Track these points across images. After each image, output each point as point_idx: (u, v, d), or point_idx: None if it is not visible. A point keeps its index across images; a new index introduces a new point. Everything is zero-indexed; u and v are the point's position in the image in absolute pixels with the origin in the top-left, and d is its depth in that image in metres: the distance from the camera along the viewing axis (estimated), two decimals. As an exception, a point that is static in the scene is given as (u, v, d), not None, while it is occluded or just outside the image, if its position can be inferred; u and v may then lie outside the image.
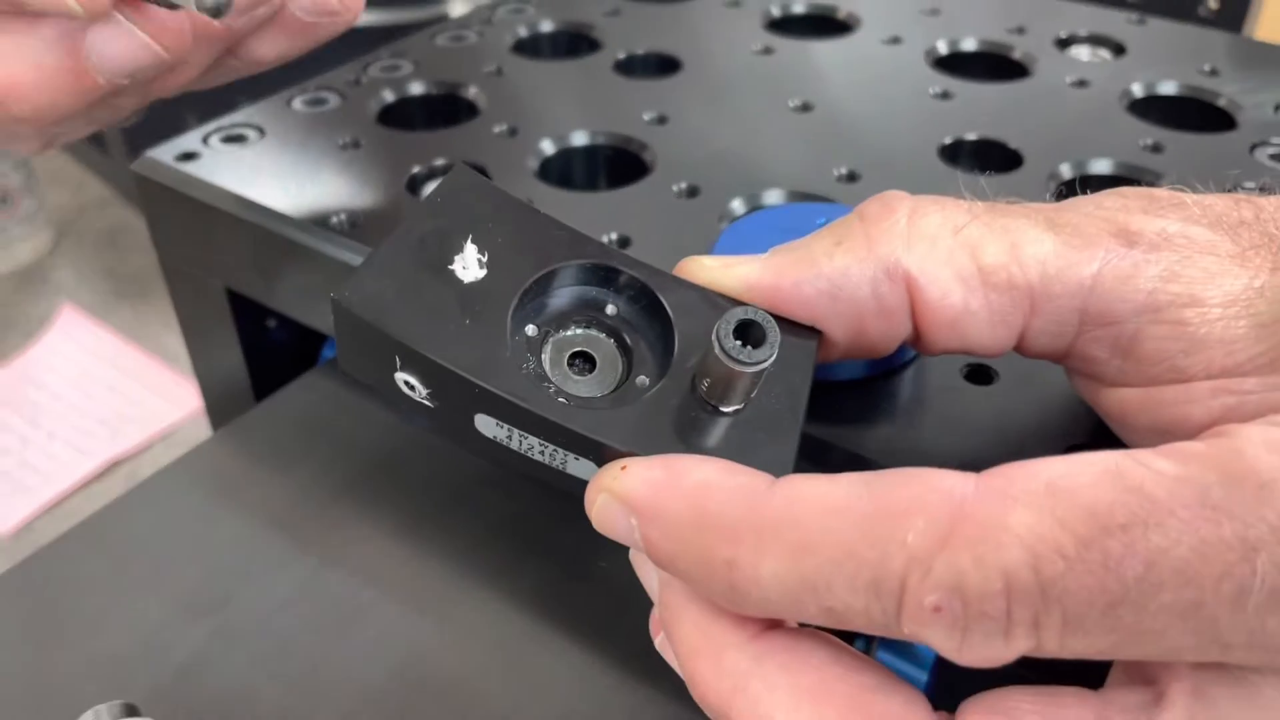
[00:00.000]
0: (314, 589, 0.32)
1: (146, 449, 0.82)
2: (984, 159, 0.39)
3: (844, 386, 0.27)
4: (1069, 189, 0.37)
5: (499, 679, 0.29)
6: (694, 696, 0.19)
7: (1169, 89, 0.44)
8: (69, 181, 1.11)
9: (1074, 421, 0.26)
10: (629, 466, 0.19)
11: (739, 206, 0.35)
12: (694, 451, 0.20)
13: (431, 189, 0.23)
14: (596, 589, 0.31)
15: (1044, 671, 0.18)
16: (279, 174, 0.36)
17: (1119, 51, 0.48)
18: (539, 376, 0.21)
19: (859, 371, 0.27)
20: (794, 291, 0.21)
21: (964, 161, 0.39)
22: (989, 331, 0.21)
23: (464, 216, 0.22)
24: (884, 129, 0.40)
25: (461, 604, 0.31)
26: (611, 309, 0.23)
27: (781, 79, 0.44)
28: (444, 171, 0.37)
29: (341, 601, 0.31)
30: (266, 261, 0.35)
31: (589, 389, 0.22)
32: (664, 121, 0.40)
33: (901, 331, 0.22)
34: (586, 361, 0.22)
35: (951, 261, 0.21)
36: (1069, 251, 0.20)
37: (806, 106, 0.41)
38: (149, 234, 0.39)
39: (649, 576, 0.20)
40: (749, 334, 0.19)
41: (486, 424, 0.21)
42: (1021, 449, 0.25)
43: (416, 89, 0.43)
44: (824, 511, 0.17)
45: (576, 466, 0.21)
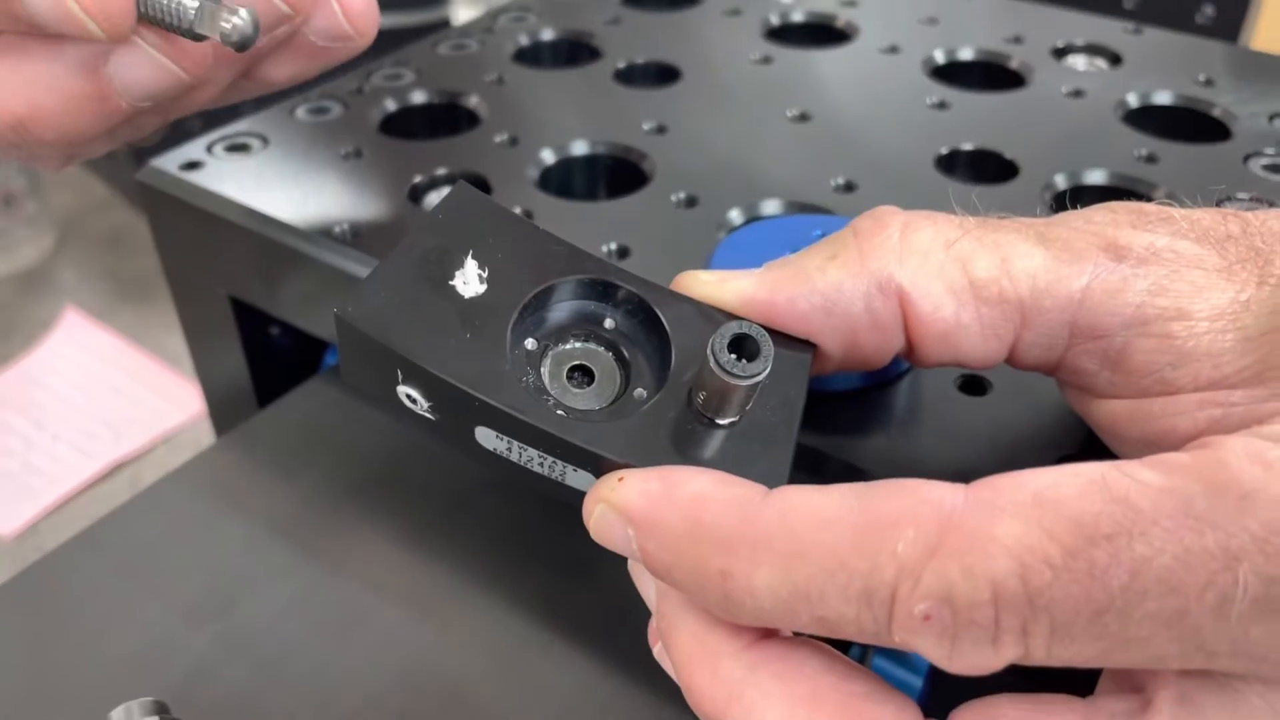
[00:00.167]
0: (317, 595, 0.32)
1: (149, 451, 0.83)
2: (980, 169, 0.40)
3: (839, 397, 0.27)
4: (1064, 200, 0.37)
5: (501, 684, 0.29)
6: (690, 705, 0.19)
7: (1164, 99, 0.44)
8: (72, 183, 1.11)
9: (1066, 432, 0.26)
10: (626, 478, 0.19)
11: (737, 217, 0.35)
12: (690, 463, 0.20)
13: (434, 204, 0.24)
14: (597, 595, 0.31)
15: (1035, 680, 0.18)
16: (282, 183, 0.37)
17: (1115, 61, 0.48)
18: (538, 390, 0.22)
19: (854, 382, 0.27)
20: (788, 306, 0.22)
21: (960, 171, 0.40)
22: (981, 344, 0.22)
23: (465, 232, 0.23)
24: (881, 139, 0.40)
25: (463, 610, 0.31)
26: (610, 323, 0.23)
27: (780, 88, 0.44)
28: (446, 181, 0.38)
29: (345, 607, 0.31)
30: (269, 270, 0.36)
31: (587, 402, 0.22)
32: (663, 131, 0.40)
33: (895, 344, 0.22)
34: (585, 375, 0.22)
35: (943, 276, 0.21)
36: (1059, 265, 0.21)
37: (804, 116, 0.42)
38: (153, 242, 0.40)
39: (646, 587, 0.20)
40: (743, 347, 0.20)
41: (487, 436, 0.21)
42: (1014, 459, 0.26)
43: (418, 98, 0.44)
44: (816, 522, 0.17)
45: (575, 478, 0.21)
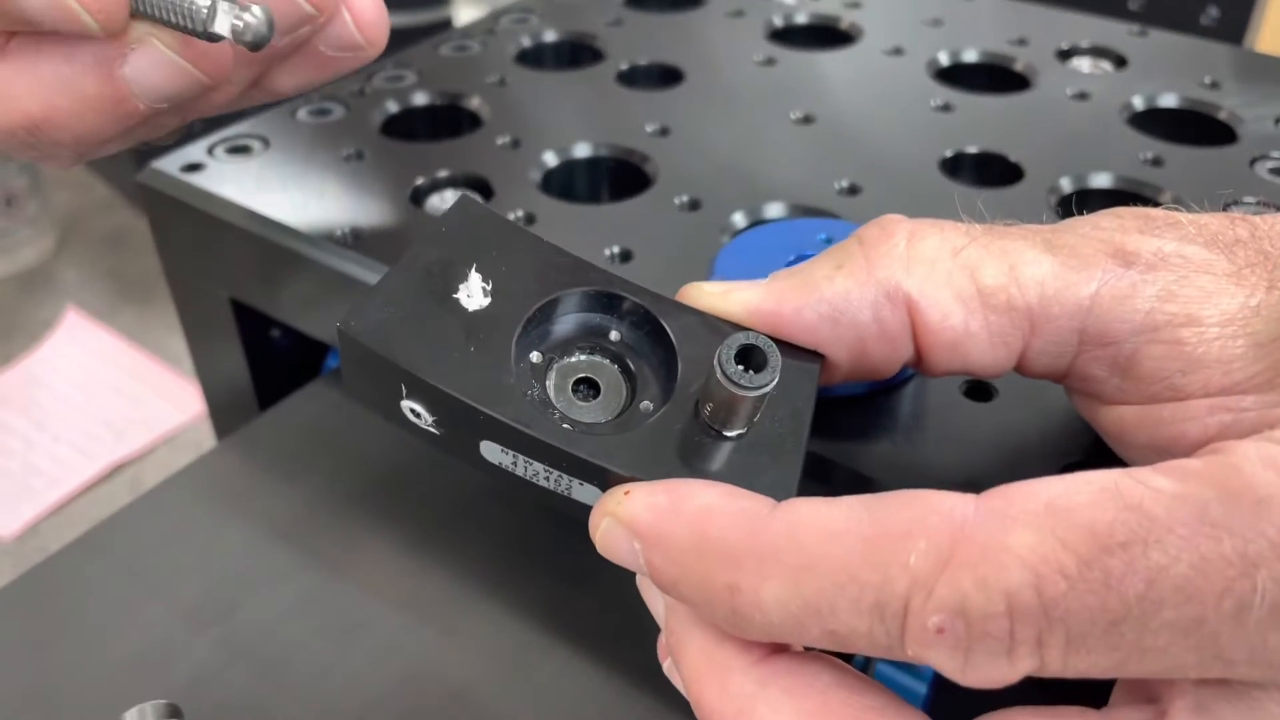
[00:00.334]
0: (319, 599, 0.32)
1: (150, 451, 0.83)
2: (985, 172, 0.39)
3: (845, 403, 0.27)
4: (1069, 203, 0.37)
5: (503, 690, 0.29)
6: None
7: (1170, 102, 0.44)
8: (73, 184, 1.11)
9: (1073, 437, 0.26)
10: (632, 492, 0.19)
11: (740, 220, 0.35)
12: (698, 476, 0.20)
13: (437, 215, 0.23)
14: (600, 601, 0.31)
15: (1048, 691, 0.18)
16: (283, 185, 0.37)
17: (1120, 64, 0.48)
18: (543, 403, 0.21)
19: (859, 388, 0.27)
20: (795, 316, 0.22)
21: (965, 174, 0.39)
22: (989, 353, 0.21)
23: (468, 245, 0.23)
24: (885, 141, 0.40)
25: (466, 615, 0.31)
26: (615, 335, 0.23)
27: (783, 90, 0.44)
28: (448, 184, 0.38)
29: (347, 612, 0.31)
30: (270, 272, 0.36)
31: (593, 415, 0.22)
32: (666, 133, 0.40)
33: (903, 354, 0.22)
34: (591, 387, 0.22)
35: (951, 284, 0.21)
36: (1067, 272, 0.21)
37: (808, 118, 0.41)
38: (154, 244, 0.40)
39: (655, 602, 0.20)
40: (750, 358, 0.20)
41: (492, 450, 0.21)
42: (1021, 465, 0.26)
43: (420, 100, 0.43)
44: (825, 535, 0.17)
45: (581, 492, 0.21)
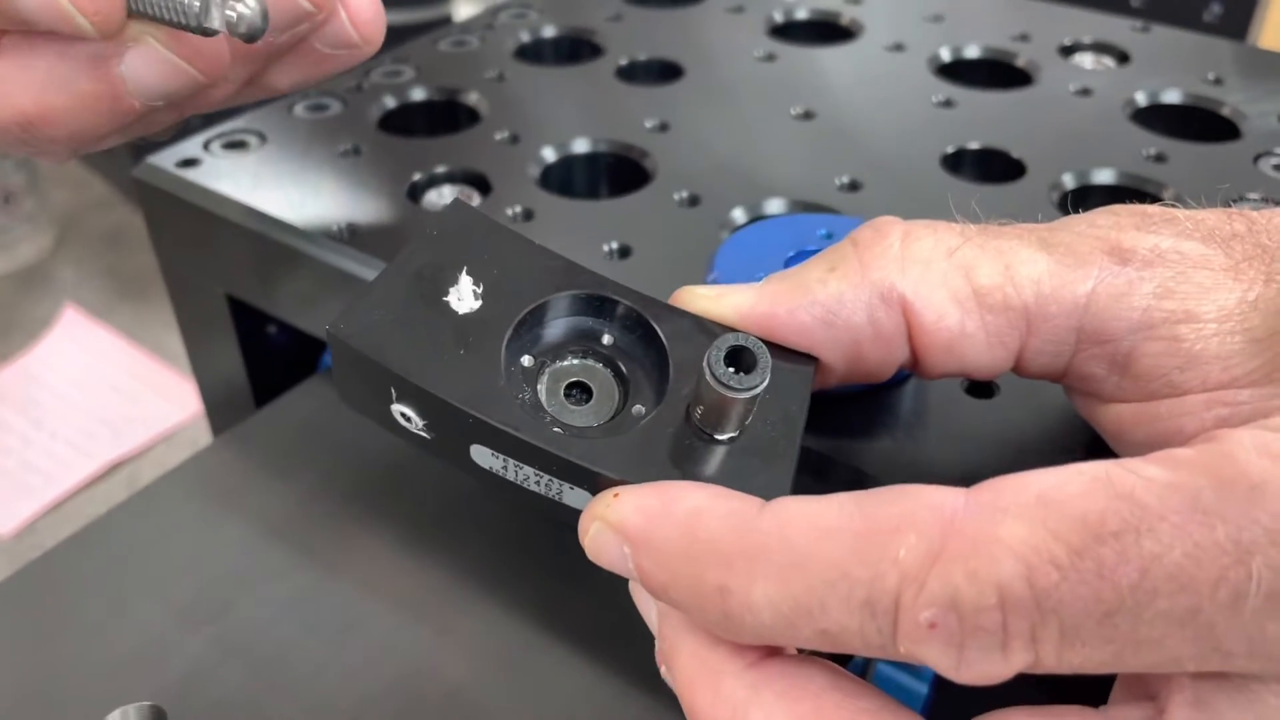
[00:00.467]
0: (314, 597, 0.32)
1: (148, 450, 0.82)
2: (986, 168, 0.39)
3: (844, 400, 0.26)
4: (1071, 200, 0.37)
5: (498, 689, 0.29)
6: None
7: (1173, 98, 0.44)
8: (72, 181, 1.11)
9: (1074, 434, 0.26)
10: (621, 494, 0.19)
11: (740, 216, 0.35)
12: (689, 479, 0.20)
13: (430, 219, 0.23)
14: (596, 600, 0.31)
15: (1047, 691, 0.18)
16: (280, 181, 0.36)
17: (1123, 59, 0.47)
18: (534, 407, 0.21)
19: (857, 386, 0.27)
20: (789, 318, 0.21)
21: (966, 171, 0.39)
22: (987, 353, 0.21)
23: (460, 249, 0.23)
24: (886, 137, 0.40)
25: (462, 614, 0.31)
26: (607, 339, 0.23)
27: (784, 86, 0.44)
28: (445, 179, 0.37)
29: (341, 610, 0.31)
30: (266, 268, 0.35)
31: (586, 419, 0.22)
32: (665, 129, 0.40)
33: (899, 356, 0.22)
34: (583, 392, 0.22)
35: (946, 284, 0.21)
36: (1063, 271, 0.20)
37: (809, 114, 0.41)
38: (150, 239, 0.39)
39: (647, 608, 0.20)
40: (740, 360, 0.19)
41: (482, 455, 0.21)
42: (1021, 462, 0.25)
43: (418, 95, 0.43)
44: (814, 532, 0.16)
45: (572, 496, 0.20)
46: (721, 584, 0.17)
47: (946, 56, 0.47)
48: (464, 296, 0.22)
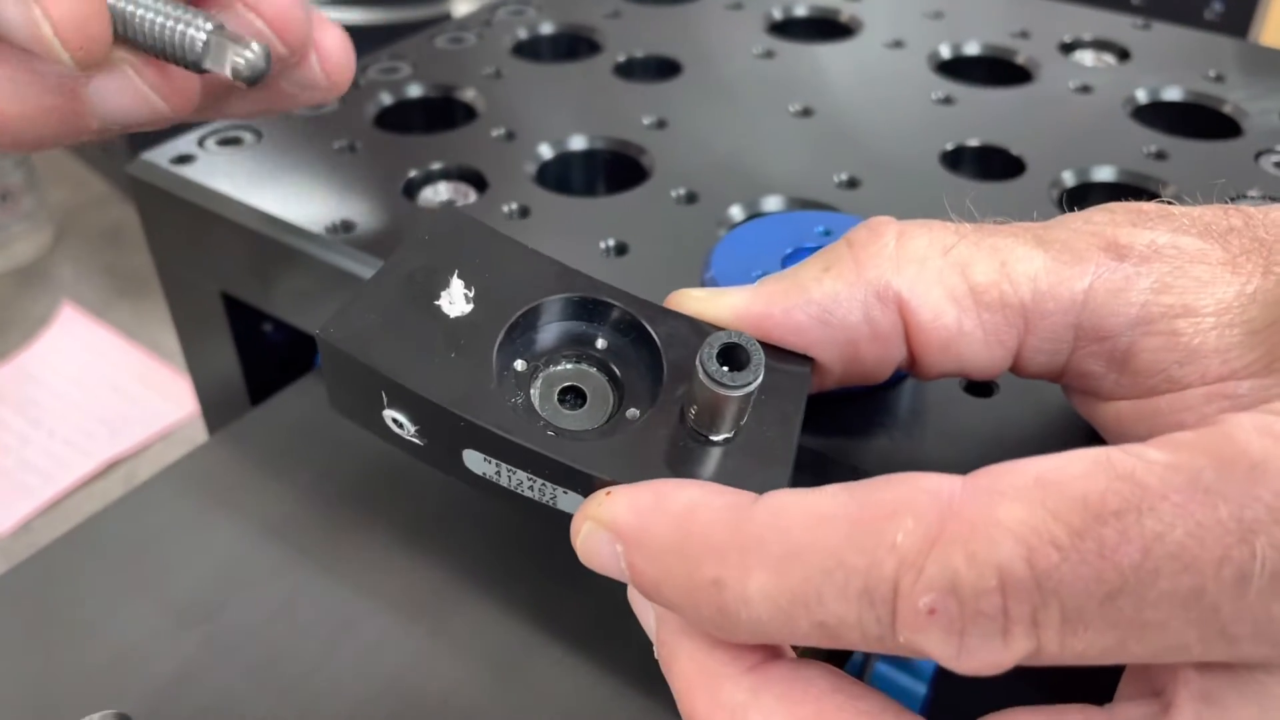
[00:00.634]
0: (307, 597, 0.31)
1: (146, 448, 0.82)
2: (986, 165, 0.39)
3: (843, 399, 0.26)
4: (1071, 197, 0.36)
5: (493, 690, 0.29)
6: None
7: (1174, 95, 0.43)
8: (70, 179, 1.10)
9: (1074, 433, 0.25)
10: (614, 493, 0.18)
11: (738, 213, 0.34)
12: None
13: (421, 225, 0.23)
14: (593, 600, 0.31)
15: (1050, 691, 0.17)
16: (275, 177, 0.36)
17: (1123, 56, 0.47)
18: (528, 411, 0.21)
19: (856, 387, 0.26)
20: (784, 318, 0.21)
21: (966, 168, 0.39)
22: (984, 352, 0.21)
23: (451, 252, 0.22)
24: (885, 134, 0.40)
25: (457, 614, 0.31)
26: (601, 342, 0.23)
27: (782, 83, 0.43)
28: (441, 176, 0.37)
29: (336, 610, 0.31)
30: (262, 266, 0.35)
31: (579, 423, 0.21)
32: (663, 126, 0.40)
33: (896, 355, 0.22)
34: (577, 396, 0.22)
35: (942, 281, 0.21)
36: (1060, 267, 0.20)
37: (807, 111, 0.41)
38: (145, 237, 0.39)
39: (645, 614, 0.20)
40: (733, 357, 0.19)
41: (475, 460, 0.21)
42: (1022, 462, 0.25)
43: (414, 92, 0.43)
44: (809, 520, 0.16)
45: (566, 501, 0.20)
46: (715, 578, 0.17)
47: (946, 53, 0.47)
48: (455, 300, 0.22)
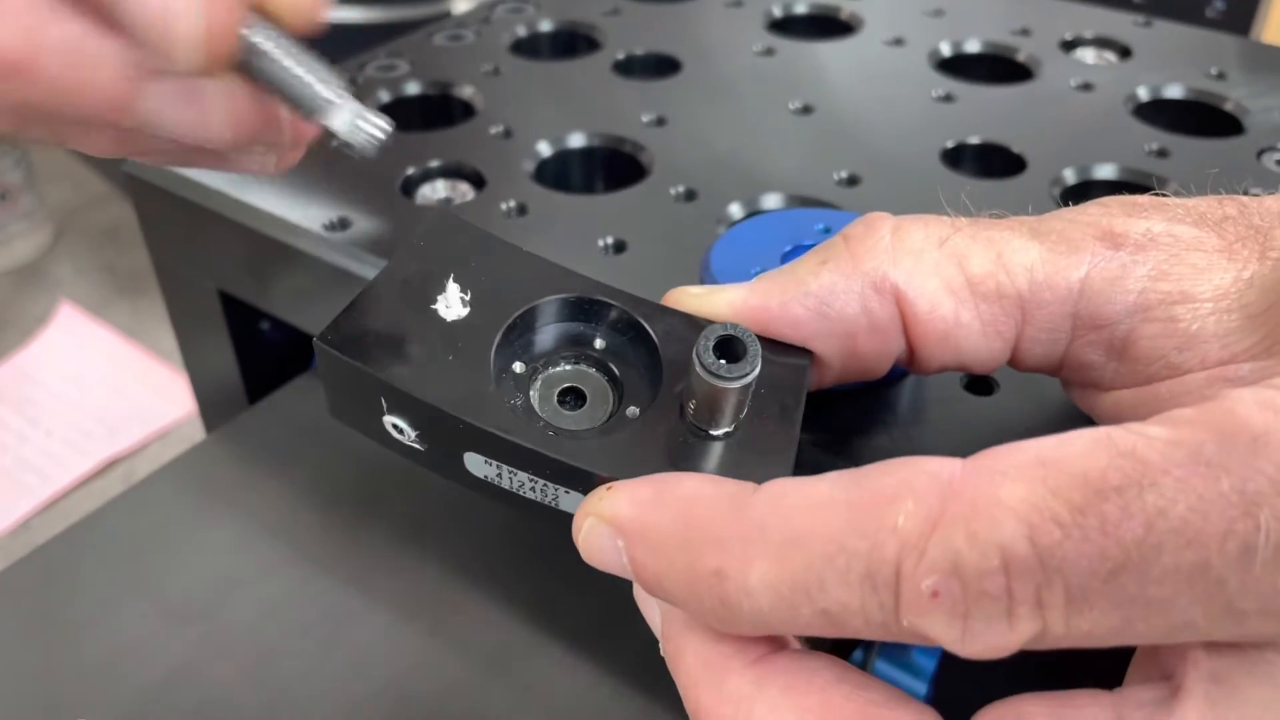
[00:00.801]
0: (304, 596, 0.31)
1: (144, 447, 0.82)
2: (987, 163, 0.39)
3: (843, 397, 0.26)
4: (1073, 195, 0.36)
5: (491, 690, 0.29)
6: None
7: (1175, 93, 0.43)
8: (69, 177, 1.10)
9: (1075, 429, 0.25)
10: (614, 487, 0.18)
11: (737, 211, 0.34)
12: None
13: (416, 229, 0.23)
14: (592, 598, 0.31)
15: (1057, 679, 0.17)
16: (272, 175, 0.36)
17: (1125, 54, 0.47)
18: (527, 412, 0.21)
19: (856, 384, 0.26)
20: (782, 311, 0.21)
21: (966, 166, 0.39)
22: (983, 344, 0.21)
23: (446, 257, 0.22)
24: (886, 132, 0.40)
25: (454, 613, 0.31)
26: (600, 342, 0.23)
27: (782, 80, 0.43)
28: (439, 174, 0.37)
29: (332, 609, 0.31)
30: (259, 264, 0.35)
31: (580, 424, 0.21)
32: (662, 123, 0.40)
33: (894, 348, 0.22)
34: (577, 397, 0.22)
35: (939, 273, 0.21)
36: (1055, 257, 0.21)
37: (807, 109, 0.41)
38: (141, 235, 0.39)
39: (651, 611, 0.20)
40: (729, 349, 0.19)
41: (475, 462, 0.21)
42: (1022, 461, 0.25)
43: (412, 89, 0.43)
44: (809, 506, 0.16)
45: (567, 501, 0.20)
46: (717, 568, 0.16)
47: (947, 51, 0.47)
48: (452, 304, 0.22)
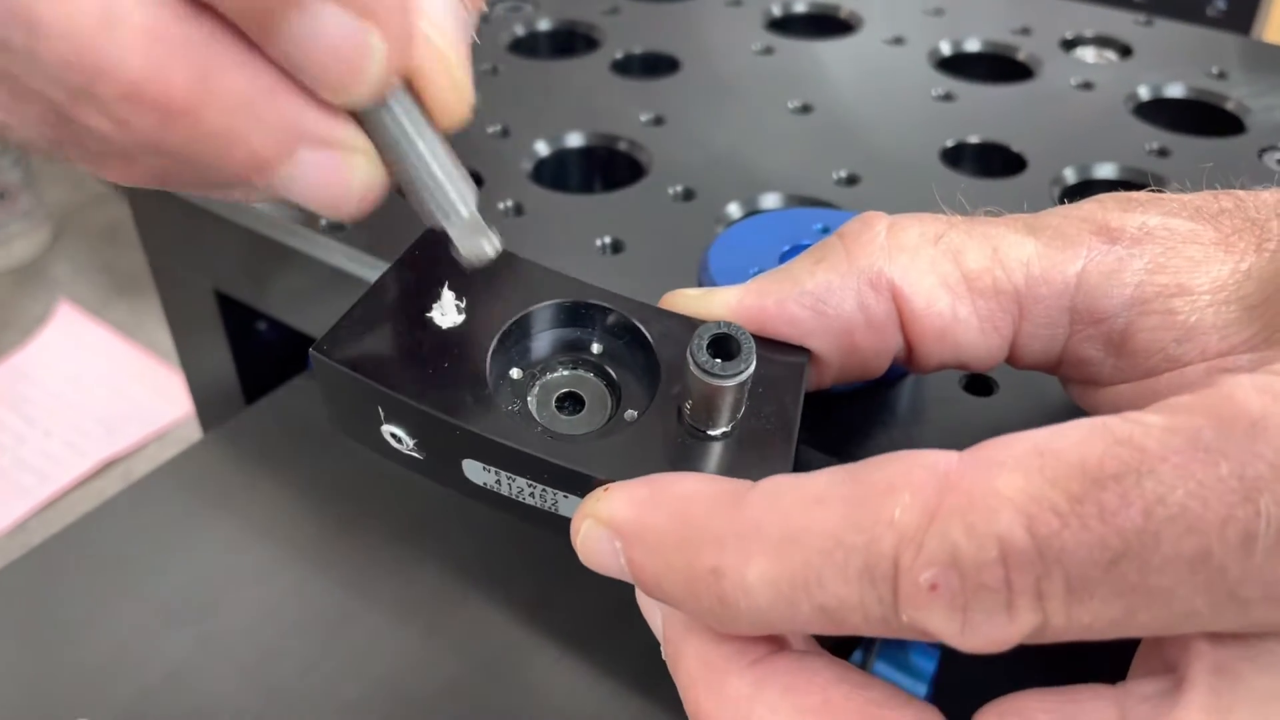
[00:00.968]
0: (301, 596, 0.31)
1: (142, 448, 0.82)
2: (987, 162, 0.39)
3: (841, 398, 0.26)
4: (1072, 194, 0.36)
5: (488, 691, 0.29)
6: None
7: (1176, 92, 0.43)
8: (68, 177, 1.10)
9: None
10: (611, 489, 0.18)
11: (735, 210, 0.34)
12: None
13: (411, 239, 0.23)
14: (590, 598, 0.31)
15: (1059, 680, 0.17)
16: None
17: (1125, 53, 0.47)
18: (525, 417, 0.21)
19: (856, 383, 0.26)
20: (779, 310, 0.21)
21: (966, 165, 0.39)
22: (981, 340, 0.21)
23: (440, 266, 0.22)
24: (885, 131, 0.39)
25: (451, 613, 0.30)
26: (596, 347, 0.23)
27: (781, 80, 0.43)
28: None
29: (328, 610, 0.31)
30: (255, 263, 0.35)
31: (578, 428, 0.21)
32: (661, 122, 0.39)
33: (892, 345, 0.21)
34: (575, 402, 0.22)
35: (935, 269, 0.21)
36: (1052, 252, 0.21)
37: (806, 108, 0.41)
38: (138, 234, 0.39)
39: (652, 613, 0.20)
40: (724, 348, 0.19)
41: (474, 469, 0.21)
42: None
43: (411, 88, 0.43)
44: (806, 502, 0.16)
45: (566, 505, 0.20)
46: (714, 567, 0.16)
47: (947, 50, 0.47)
48: (447, 311, 0.22)
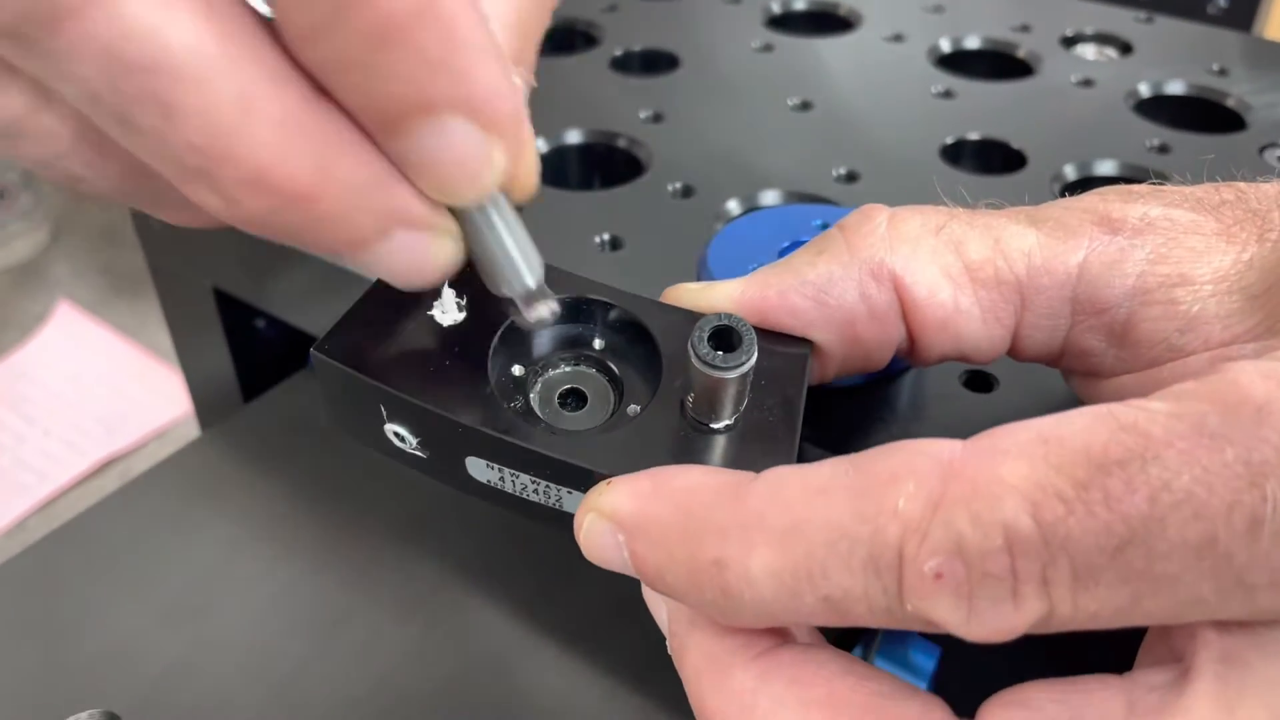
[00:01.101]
0: (300, 594, 0.31)
1: (142, 447, 0.82)
2: (987, 159, 0.39)
3: (843, 394, 0.26)
4: (1073, 191, 0.36)
5: (487, 689, 0.28)
6: None
7: (1177, 89, 0.43)
8: (68, 177, 1.10)
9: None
10: (614, 482, 0.18)
11: (735, 207, 0.34)
12: None
13: None
14: (589, 596, 0.31)
15: (1064, 667, 0.17)
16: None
17: (1126, 50, 0.47)
18: (527, 414, 0.21)
19: (857, 378, 0.26)
20: (780, 301, 0.21)
21: (966, 162, 0.39)
22: (983, 331, 0.21)
23: None
24: (885, 128, 0.39)
25: (450, 611, 0.30)
26: (598, 342, 0.23)
27: (781, 77, 0.43)
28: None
29: (326, 608, 0.31)
30: (253, 261, 0.35)
31: (581, 424, 0.21)
32: (660, 119, 0.39)
33: (894, 336, 0.21)
34: (577, 398, 0.22)
35: (936, 259, 0.21)
36: (1053, 243, 0.21)
37: (806, 105, 0.40)
38: (135, 232, 0.39)
39: (658, 608, 0.20)
40: (725, 339, 0.19)
41: (477, 466, 0.20)
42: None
43: (410, 85, 0.42)
44: (809, 493, 0.16)
45: (570, 501, 0.20)
46: (718, 557, 0.16)
47: (946, 47, 0.47)
48: (448, 309, 0.21)
